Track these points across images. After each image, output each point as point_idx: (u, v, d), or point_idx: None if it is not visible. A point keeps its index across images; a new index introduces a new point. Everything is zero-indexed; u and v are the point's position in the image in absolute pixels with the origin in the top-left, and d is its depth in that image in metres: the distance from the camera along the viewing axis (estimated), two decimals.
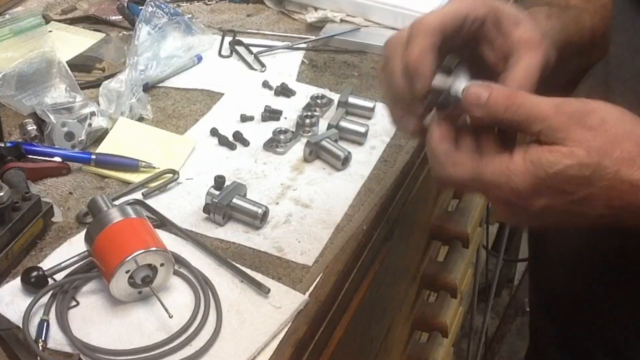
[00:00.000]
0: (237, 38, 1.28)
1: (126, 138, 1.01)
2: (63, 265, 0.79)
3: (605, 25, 0.78)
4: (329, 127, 1.03)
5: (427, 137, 0.67)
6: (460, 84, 0.65)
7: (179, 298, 0.79)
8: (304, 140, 1.03)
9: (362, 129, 1.04)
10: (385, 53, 0.70)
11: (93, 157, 0.96)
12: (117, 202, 0.88)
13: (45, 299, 0.76)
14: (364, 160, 1.01)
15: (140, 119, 1.06)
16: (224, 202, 0.88)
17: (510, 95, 0.62)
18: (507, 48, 0.69)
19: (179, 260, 0.82)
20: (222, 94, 1.14)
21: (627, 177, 0.59)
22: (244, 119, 1.08)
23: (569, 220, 0.64)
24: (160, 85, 1.15)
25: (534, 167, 0.60)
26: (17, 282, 0.78)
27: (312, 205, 0.92)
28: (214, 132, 1.05)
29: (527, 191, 0.60)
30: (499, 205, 0.64)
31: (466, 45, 0.70)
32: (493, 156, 0.63)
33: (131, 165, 0.96)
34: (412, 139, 0.94)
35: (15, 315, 0.75)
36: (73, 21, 1.31)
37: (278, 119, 1.08)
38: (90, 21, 1.32)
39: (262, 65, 1.21)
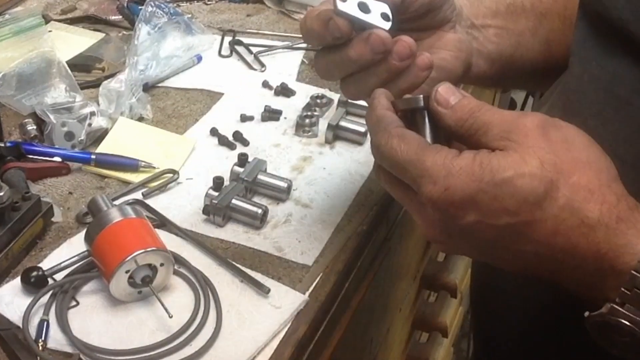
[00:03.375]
0: (237, 38, 1.28)
1: (126, 138, 1.01)
2: (63, 265, 0.79)
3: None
4: (329, 127, 1.03)
5: (373, 102, 0.59)
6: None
7: (179, 298, 0.79)
8: (304, 140, 1.03)
9: (362, 129, 1.04)
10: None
11: (93, 157, 0.96)
12: (117, 202, 0.88)
13: (45, 299, 0.76)
14: (364, 160, 1.01)
15: (140, 119, 1.06)
16: (223, 204, 0.88)
17: (479, 103, 0.56)
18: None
19: (179, 260, 0.82)
20: (222, 94, 1.14)
21: (580, 211, 0.50)
22: (244, 119, 1.08)
23: (498, 254, 0.55)
24: (160, 85, 1.15)
25: (482, 169, 0.51)
26: (17, 282, 0.78)
27: (312, 205, 0.92)
28: (214, 132, 1.05)
29: (464, 196, 0.52)
30: (425, 210, 0.55)
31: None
32: (442, 147, 0.54)
33: (131, 165, 0.96)
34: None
35: (15, 315, 0.75)
36: (73, 21, 1.31)
37: (278, 119, 1.08)
38: (90, 21, 1.32)
39: (262, 65, 1.21)
